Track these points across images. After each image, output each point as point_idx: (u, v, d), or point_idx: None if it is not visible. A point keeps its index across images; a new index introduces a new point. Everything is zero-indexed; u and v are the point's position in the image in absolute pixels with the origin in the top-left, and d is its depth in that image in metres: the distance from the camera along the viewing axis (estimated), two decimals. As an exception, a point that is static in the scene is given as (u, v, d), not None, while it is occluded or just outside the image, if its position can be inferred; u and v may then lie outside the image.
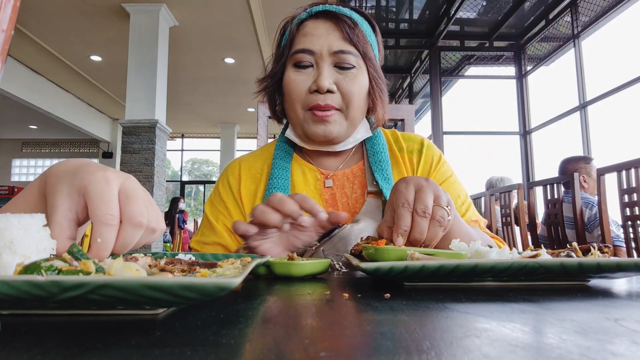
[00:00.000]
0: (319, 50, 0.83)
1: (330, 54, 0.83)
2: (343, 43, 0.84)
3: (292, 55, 0.85)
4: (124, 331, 0.26)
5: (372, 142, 0.96)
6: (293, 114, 0.87)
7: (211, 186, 15.25)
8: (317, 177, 0.93)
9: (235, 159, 1.03)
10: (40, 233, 0.36)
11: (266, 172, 0.95)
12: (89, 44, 6.96)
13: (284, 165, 0.92)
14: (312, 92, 0.83)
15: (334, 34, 0.84)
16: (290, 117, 0.90)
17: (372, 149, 0.94)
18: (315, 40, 0.83)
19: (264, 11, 5.94)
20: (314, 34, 0.84)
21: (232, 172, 0.98)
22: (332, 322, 0.28)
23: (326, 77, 0.82)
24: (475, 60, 5.59)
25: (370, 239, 0.61)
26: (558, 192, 2.73)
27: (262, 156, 0.99)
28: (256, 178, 0.95)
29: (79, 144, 12.05)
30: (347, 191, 0.92)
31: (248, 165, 0.98)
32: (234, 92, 9.11)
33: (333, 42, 0.83)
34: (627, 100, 3.96)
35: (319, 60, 0.83)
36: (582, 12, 4.35)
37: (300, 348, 0.22)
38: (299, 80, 0.84)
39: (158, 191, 5.75)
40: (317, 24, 0.85)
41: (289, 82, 0.86)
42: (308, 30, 0.85)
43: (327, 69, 0.83)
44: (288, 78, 0.86)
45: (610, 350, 0.21)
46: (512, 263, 0.42)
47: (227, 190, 0.95)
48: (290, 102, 0.87)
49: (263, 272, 0.57)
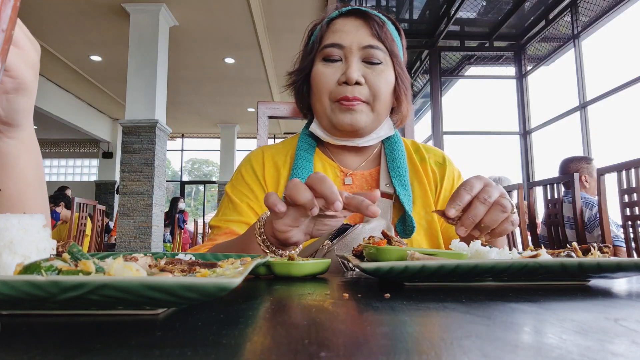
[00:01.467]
0: (349, 45, 0.86)
1: (360, 49, 0.86)
2: (372, 39, 0.87)
3: (321, 49, 0.88)
4: (124, 331, 0.26)
5: (392, 147, 0.97)
6: (320, 105, 0.90)
7: (211, 186, 15.25)
8: (336, 174, 0.95)
9: (257, 148, 1.04)
10: (40, 233, 0.36)
11: (289, 162, 0.97)
12: (89, 44, 6.96)
13: (307, 156, 0.94)
14: (341, 84, 0.85)
15: (363, 30, 0.87)
16: (316, 110, 0.93)
17: (392, 154, 0.96)
18: (344, 35, 0.87)
19: (264, 11, 5.94)
20: (344, 30, 0.88)
21: (256, 159, 0.99)
22: (332, 322, 0.28)
23: (355, 70, 0.84)
24: (475, 60, 5.59)
25: (372, 238, 0.61)
26: (558, 192, 2.73)
27: (284, 148, 1.01)
28: (278, 167, 0.97)
29: (79, 144, 12.05)
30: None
31: (271, 154, 0.99)
32: (234, 92, 9.11)
33: (362, 38, 0.86)
34: (627, 100, 3.96)
35: (348, 54, 0.86)
36: (582, 12, 4.35)
37: (300, 348, 0.22)
38: (328, 72, 0.87)
39: (158, 191, 5.75)
40: (347, 21, 0.89)
41: (317, 75, 0.88)
42: (338, 27, 0.89)
43: (356, 62, 0.86)
44: (317, 71, 0.89)
45: (610, 350, 0.21)
46: (512, 263, 0.42)
47: (251, 175, 0.96)
48: (317, 94, 0.89)
49: (263, 272, 0.57)
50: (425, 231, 0.90)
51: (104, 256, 0.51)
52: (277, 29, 6.43)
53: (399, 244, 0.54)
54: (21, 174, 0.54)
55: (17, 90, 0.46)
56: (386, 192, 0.91)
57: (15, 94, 0.47)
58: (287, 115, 1.29)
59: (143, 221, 5.56)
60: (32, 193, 0.56)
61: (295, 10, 5.85)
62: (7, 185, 0.53)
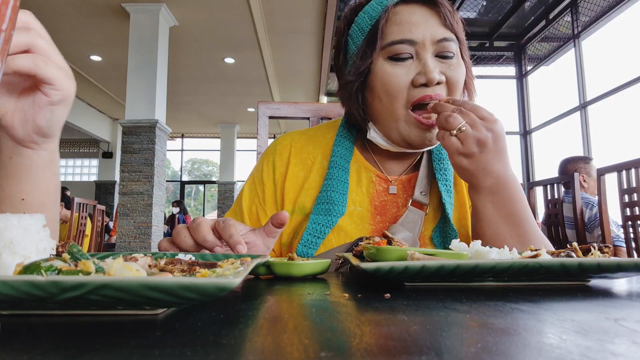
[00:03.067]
0: (421, 40, 0.74)
1: (433, 43, 0.75)
2: (445, 30, 0.76)
3: (387, 46, 0.76)
4: (124, 331, 0.26)
5: (440, 148, 0.86)
6: (388, 113, 0.78)
7: (211, 186, 15.24)
8: (371, 179, 0.86)
9: (286, 134, 0.93)
10: (40, 233, 0.36)
11: (319, 161, 0.87)
12: (89, 44, 6.96)
13: (343, 165, 0.84)
14: (418, 86, 0.75)
15: (433, 20, 0.76)
16: (381, 117, 0.80)
17: (439, 155, 0.86)
18: (414, 28, 0.75)
19: (264, 11, 5.94)
20: (412, 21, 0.75)
21: (281, 153, 0.89)
22: (332, 322, 0.28)
23: (434, 68, 0.74)
24: (475, 60, 5.59)
25: (372, 239, 0.61)
26: (558, 192, 2.73)
27: (316, 140, 0.91)
28: (306, 165, 0.87)
29: (79, 144, 12.05)
30: (400, 200, 0.84)
31: (299, 148, 0.89)
32: (234, 92, 9.11)
33: (435, 30, 0.75)
34: (627, 100, 3.96)
35: (421, 50, 0.75)
36: (582, 12, 4.35)
37: (300, 348, 0.22)
38: (400, 74, 0.75)
39: (158, 191, 5.75)
40: (413, 9, 0.76)
41: (385, 77, 0.76)
42: (404, 17, 0.76)
43: (431, 59, 0.75)
44: (384, 72, 0.76)
45: (611, 350, 0.21)
46: (512, 263, 0.42)
47: (270, 173, 0.88)
48: (387, 100, 0.77)
49: (263, 272, 0.57)
50: None
51: (104, 256, 0.51)
52: (277, 29, 6.43)
53: (399, 244, 0.54)
54: (45, 184, 0.56)
55: (61, 101, 0.49)
56: (420, 202, 0.81)
57: (60, 105, 0.49)
58: (287, 116, 1.29)
59: (143, 221, 5.56)
60: (52, 202, 0.58)
61: (295, 10, 5.85)
62: (33, 195, 0.55)
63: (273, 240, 0.65)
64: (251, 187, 0.90)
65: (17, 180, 0.53)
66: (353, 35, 0.82)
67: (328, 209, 0.79)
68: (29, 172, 0.53)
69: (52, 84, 0.47)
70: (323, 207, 0.80)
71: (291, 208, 0.85)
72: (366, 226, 0.82)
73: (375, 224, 0.82)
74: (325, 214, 0.79)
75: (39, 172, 0.54)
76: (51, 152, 0.55)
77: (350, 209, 0.82)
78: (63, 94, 0.48)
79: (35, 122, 0.49)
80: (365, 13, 0.80)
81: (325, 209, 0.80)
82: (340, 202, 0.80)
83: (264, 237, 0.64)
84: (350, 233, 0.81)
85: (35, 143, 0.52)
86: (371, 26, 0.78)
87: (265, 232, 0.64)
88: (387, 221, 0.83)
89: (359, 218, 0.82)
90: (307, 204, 0.84)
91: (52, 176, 0.56)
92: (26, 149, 0.52)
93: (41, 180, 0.55)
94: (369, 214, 0.83)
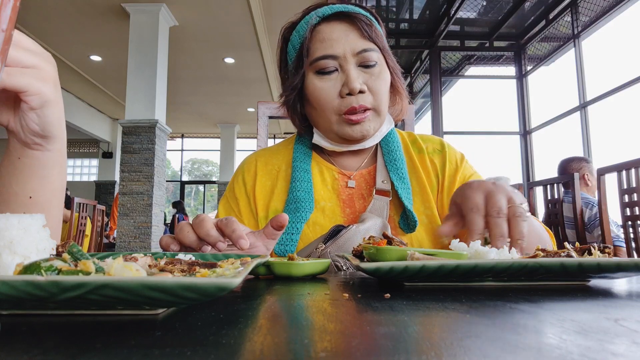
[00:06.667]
0: (342, 54, 0.81)
1: (354, 55, 0.82)
2: (364, 42, 0.82)
3: (313, 62, 0.83)
4: (124, 331, 0.26)
5: (387, 140, 0.95)
6: (324, 121, 0.86)
7: (211, 186, 15.25)
8: (334, 177, 0.94)
9: (251, 154, 1.02)
10: (40, 233, 0.36)
11: (284, 169, 0.95)
12: (89, 44, 6.96)
13: (304, 167, 0.92)
14: (344, 96, 0.82)
15: (352, 34, 0.82)
16: (318, 124, 0.89)
17: (387, 147, 0.94)
18: (335, 44, 0.82)
19: (264, 11, 5.94)
20: (332, 37, 0.82)
21: (248, 168, 0.98)
22: (332, 322, 0.28)
23: (356, 79, 0.81)
24: (475, 60, 5.59)
25: (372, 239, 0.61)
26: (558, 192, 2.73)
27: (279, 152, 0.99)
28: (272, 174, 0.95)
29: (79, 144, 12.05)
30: (364, 192, 0.92)
31: (265, 161, 0.98)
32: (234, 92, 9.11)
33: (354, 43, 0.82)
34: (627, 100, 3.96)
35: (343, 63, 0.82)
36: (582, 12, 4.35)
37: (300, 348, 0.22)
38: (327, 86, 0.83)
39: (158, 191, 5.75)
40: (333, 27, 0.83)
41: (315, 90, 0.84)
42: (325, 35, 0.83)
43: (354, 69, 0.82)
44: (313, 86, 0.84)
45: (611, 350, 0.21)
46: (512, 263, 0.42)
47: (241, 188, 0.96)
48: (320, 110, 0.85)
49: (263, 272, 0.57)
50: (426, 226, 0.88)
51: (104, 256, 0.51)
52: (277, 29, 6.39)
53: (399, 244, 0.54)
54: (52, 183, 0.57)
55: (42, 105, 0.49)
56: (383, 189, 0.89)
57: (42, 108, 0.49)
58: (287, 116, 1.29)
59: (143, 221, 5.56)
60: (57, 201, 0.59)
61: (295, 11, 5.79)
62: (39, 194, 0.56)
63: (273, 242, 0.68)
64: (225, 206, 0.96)
65: (25, 180, 0.55)
66: (289, 52, 0.91)
67: (296, 207, 0.87)
68: (36, 172, 0.55)
69: (22, 91, 0.46)
70: (292, 206, 0.88)
71: (264, 214, 0.92)
72: (338, 218, 0.89)
73: (346, 216, 0.90)
74: (295, 212, 0.87)
75: (46, 172, 0.56)
76: (56, 152, 0.56)
77: (321, 205, 0.90)
78: (40, 97, 0.48)
79: (29, 127, 0.51)
80: (296, 32, 0.88)
81: (294, 207, 0.87)
82: (306, 199, 0.88)
83: (264, 239, 0.66)
84: (325, 226, 0.88)
85: (38, 144, 0.53)
86: (300, 44, 0.85)
87: (265, 234, 0.66)
88: (356, 212, 0.90)
89: (330, 212, 0.90)
90: (279, 207, 0.91)
91: (58, 175, 0.58)
92: (32, 150, 0.54)
93: (47, 179, 0.57)
94: (339, 207, 0.91)
